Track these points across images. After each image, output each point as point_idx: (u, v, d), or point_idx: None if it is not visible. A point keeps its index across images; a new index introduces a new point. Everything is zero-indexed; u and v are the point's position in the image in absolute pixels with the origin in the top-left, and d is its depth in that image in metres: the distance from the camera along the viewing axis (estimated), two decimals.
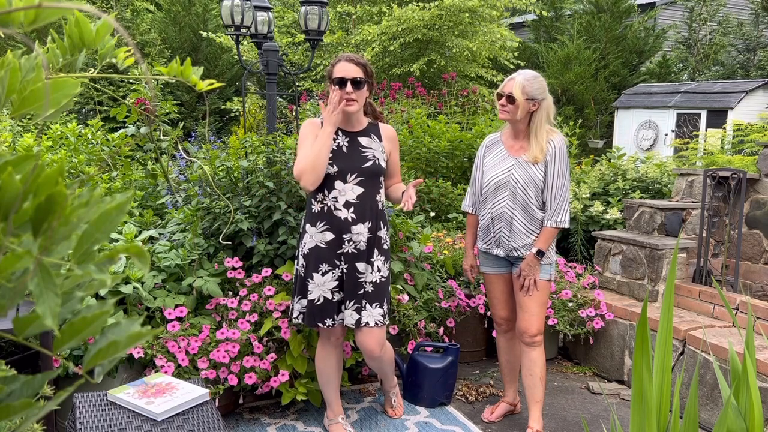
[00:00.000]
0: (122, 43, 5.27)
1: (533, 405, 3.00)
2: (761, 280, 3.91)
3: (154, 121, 3.59)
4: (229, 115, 9.83)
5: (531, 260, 2.86)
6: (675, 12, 12.65)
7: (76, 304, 0.59)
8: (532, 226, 2.88)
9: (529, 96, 2.81)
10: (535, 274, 2.87)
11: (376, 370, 3.03)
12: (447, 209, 4.82)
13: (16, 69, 0.65)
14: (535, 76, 2.87)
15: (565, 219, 2.86)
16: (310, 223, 2.77)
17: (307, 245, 2.77)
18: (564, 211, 2.85)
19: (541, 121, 2.85)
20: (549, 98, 2.87)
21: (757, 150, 4.66)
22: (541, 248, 2.86)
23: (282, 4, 11.16)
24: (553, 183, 2.84)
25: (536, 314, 2.92)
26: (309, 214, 2.78)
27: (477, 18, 8.79)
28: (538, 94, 2.82)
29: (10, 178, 0.54)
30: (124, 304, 2.96)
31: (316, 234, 2.74)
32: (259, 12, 5.07)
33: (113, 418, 2.10)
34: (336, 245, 2.73)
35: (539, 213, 2.88)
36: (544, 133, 2.86)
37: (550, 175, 2.84)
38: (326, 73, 2.78)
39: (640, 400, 1.48)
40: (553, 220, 2.85)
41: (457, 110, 6.53)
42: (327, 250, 2.73)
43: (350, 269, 2.74)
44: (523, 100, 2.80)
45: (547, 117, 2.87)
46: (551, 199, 2.84)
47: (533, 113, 2.85)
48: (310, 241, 2.75)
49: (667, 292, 1.49)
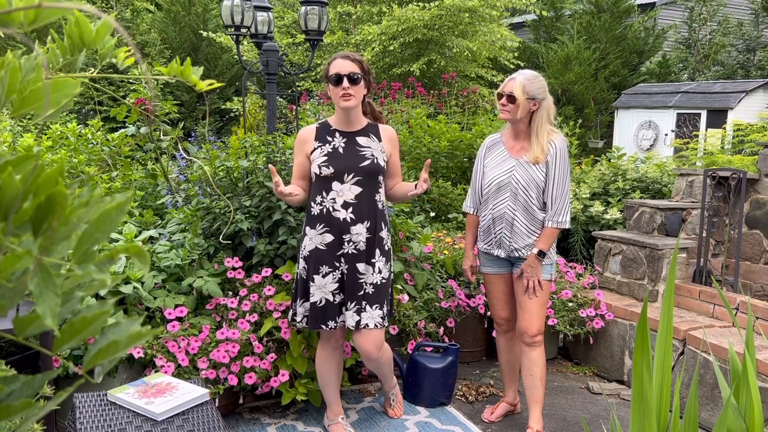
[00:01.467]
0: (122, 43, 5.26)
1: (533, 405, 3.00)
2: (761, 280, 3.91)
3: (154, 121, 3.59)
4: (229, 115, 9.83)
5: (533, 261, 2.86)
6: (675, 12, 12.65)
7: (76, 304, 0.59)
8: (533, 227, 2.88)
9: (530, 95, 2.81)
10: (538, 275, 2.87)
11: (374, 371, 3.03)
12: (447, 209, 4.82)
13: (16, 69, 0.65)
14: (536, 75, 2.87)
15: (566, 219, 2.86)
16: (309, 225, 2.77)
17: (307, 248, 2.77)
18: (565, 211, 2.85)
19: (541, 121, 2.85)
20: (549, 98, 2.87)
21: (757, 150, 4.66)
22: (543, 249, 2.86)
23: (282, 4, 11.16)
24: (554, 184, 2.84)
25: (536, 314, 2.91)
26: (309, 216, 2.79)
27: (477, 18, 8.79)
28: (539, 94, 2.82)
29: (10, 178, 0.54)
30: (124, 304, 2.96)
31: (316, 236, 2.74)
32: (259, 12, 5.07)
33: (113, 418, 2.10)
34: (336, 246, 2.73)
35: (540, 214, 2.88)
36: (545, 133, 2.86)
37: (551, 175, 2.84)
38: (323, 73, 2.80)
39: (640, 400, 1.48)
40: (554, 220, 2.85)
41: (457, 110, 6.53)
42: (327, 252, 2.73)
43: (351, 270, 2.74)
44: (524, 100, 2.80)
45: (547, 117, 2.87)
46: (552, 199, 2.84)
47: (534, 113, 2.85)
48: (310, 244, 2.75)
49: (667, 292, 1.49)
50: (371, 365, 2.93)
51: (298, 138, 2.81)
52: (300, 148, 2.78)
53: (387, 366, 3.00)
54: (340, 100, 2.68)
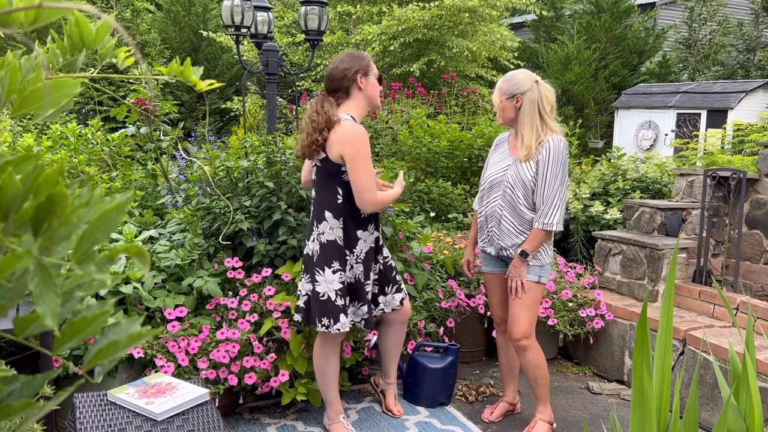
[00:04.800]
0: (122, 43, 5.27)
1: (536, 402, 3.03)
2: (761, 280, 3.91)
3: (154, 121, 3.59)
4: (229, 115, 9.83)
5: (516, 261, 2.83)
6: (675, 12, 12.65)
7: (76, 304, 0.59)
8: (521, 227, 2.83)
9: (508, 94, 2.78)
10: (521, 276, 2.82)
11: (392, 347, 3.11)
12: (447, 209, 4.82)
13: (16, 69, 0.65)
14: (517, 72, 2.82)
15: (553, 221, 2.76)
16: (360, 228, 2.75)
17: (363, 251, 2.78)
18: (553, 213, 2.76)
19: (525, 116, 2.77)
20: (534, 89, 2.77)
21: (757, 150, 4.66)
22: (527, 249, 2.80)
23: (282, 4, 11.16)
24: (544, 184, 2.76)
25: (521, 317, 2.86)
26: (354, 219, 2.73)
27: (477, 18, 8.78)
28: (517, 89, 2.77)
29: (10, 178, 0.54)
30: (124, 304, 2.96)
31: (369, 237, 2.80)
32: (259, 12, 5.07)
33: (113, 418, 2.10)
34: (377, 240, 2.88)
35: (529, 213, 2.82)
36: (533, 127, 2.77)
37: (542, 175, 2.76)
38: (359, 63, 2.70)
39: (640, 400, 1.48)
40: (540, 221, 2.78)
41: (457, 110, 6.53)
42: (375, 249, 2.86)
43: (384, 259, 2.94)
44: (504, 101, 2.80)
45: (538, 108, 2.76)
46: (541, 200, 2.77)
47: (520, 108, 2.79)
48: (365, 245, 2.78)
49: (667, 292, 1.49)
50: (400, 335, 3.08)
51: (367, 136, 2.65)
52: (369, 147, 2.68)
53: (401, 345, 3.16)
54: (379, 100, 2.78)
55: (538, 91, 2.77)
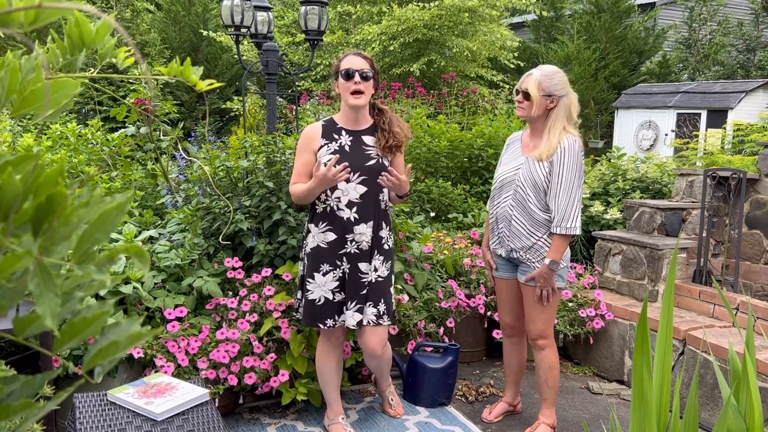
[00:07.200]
0: (122, 43, 5.27)
1: (542, 401, 3.02)
2: (761, 280, 3.91)
3: (154, 121, 3.59)
4: (229, 115, 9.83)
5: (545, 272, 2.74)
6: (675, 12, 12.65)
7: (76, 304, 0.59)
8: (532, 228, 2.77)
9: (546, 92, 2.68)
10: (552, 285, 2.78)
11: (374, 369, 3.03)
12: (447, 209, 4.82)
13: (16, 69, 0.65)
14: (556, 71, 2.72)
15: (576, 225, 2.70)
16: (313, 223, 2.77)
17: (309, 245, 2.77)
18: (573, 217, 2.69)
19: (557, 119, 2.70)
20: (571, 94, 2.72)
21: (757, 150, 4.66)
22: (555, 258, 2.71)
23: (282, 4, 11.16)
24: (559, 186, 2.68)
25: (538, 319, 2.86)
26: (312, 214, 2.79)
27: (477, 18, 8.79)
28: (557, 90, 2.68)
29: (10, 178, 0.54)
30: (124, 304, 2.96)
31: (318, 234, 2.74)
32: (259, 12, 5.07)
33: (113, 418, 2.10)
34: (338, 245, 2.73)
35: (541, 215, 2.75)
36: (558, 132, 2.70)
37: (556, 177, 2.68)
38: (332, 69, 2.77)
39: (640, 400, 1.48)
40: (562, 226, 2.69)
41: (457, 110, 6.54)
42: (328, 250, 2.73)
43: (352, 269, 2.74)
44: (540, 97, 2.68)
45: (567, 115, 2.71)
46: (557, 203, 2.69)
47: (551, 110, 2.71)
48: (312, 241, 2.76)
49: (667, 292, 1.49)
50: (373, 363, 2.93)
51: (304, 135, 2.77)
52: (306, 145, 2.75)
53: (387, 364, 3.01)
54: (350, 97, 2.66)
55: (569, 96, 2.72)
